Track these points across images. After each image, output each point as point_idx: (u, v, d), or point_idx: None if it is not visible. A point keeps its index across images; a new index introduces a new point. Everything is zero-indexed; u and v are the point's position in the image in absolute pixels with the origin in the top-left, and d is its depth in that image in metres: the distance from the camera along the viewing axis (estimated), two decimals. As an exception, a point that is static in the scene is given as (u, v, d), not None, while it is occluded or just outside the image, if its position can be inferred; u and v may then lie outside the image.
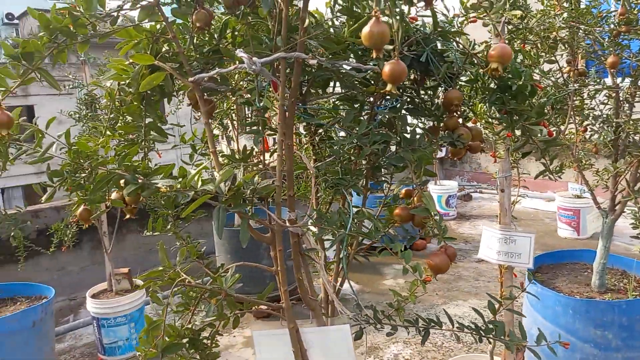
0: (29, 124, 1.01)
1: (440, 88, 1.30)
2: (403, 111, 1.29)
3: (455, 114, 1.19)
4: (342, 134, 1.44)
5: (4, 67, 0.85)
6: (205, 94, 1.27)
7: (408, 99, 1.31)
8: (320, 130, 1.50)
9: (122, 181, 1.12)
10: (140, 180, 1.10)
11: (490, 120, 1.59)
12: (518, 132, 1.19)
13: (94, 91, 3.54)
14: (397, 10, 0.85)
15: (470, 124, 1.33)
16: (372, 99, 1.29)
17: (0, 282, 3.29)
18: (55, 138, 1.02)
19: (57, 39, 0.89)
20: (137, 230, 4.89)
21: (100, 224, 3.40)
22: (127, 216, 1.32)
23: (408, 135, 1.22)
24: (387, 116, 1.28)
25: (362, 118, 1.28)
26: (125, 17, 1.06)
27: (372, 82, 1.26)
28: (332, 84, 1.37)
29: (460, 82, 1.24)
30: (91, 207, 1.43)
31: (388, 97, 1.32)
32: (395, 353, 3.15)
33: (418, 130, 1.28)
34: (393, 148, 1.29)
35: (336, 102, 1.44)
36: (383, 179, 1.45)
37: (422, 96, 1.34)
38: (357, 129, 1.20)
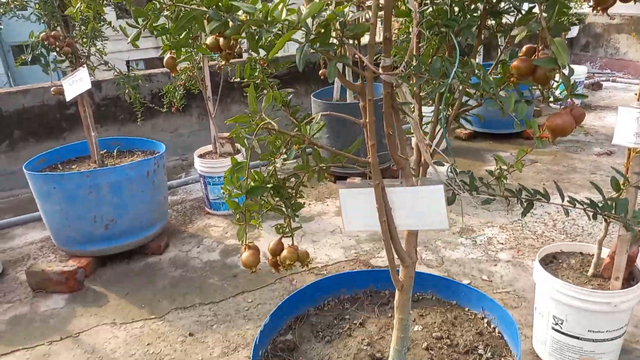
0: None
1: None
2: None
3: None
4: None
5: None
6: None
7: None
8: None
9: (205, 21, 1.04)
10: (223, 16, 1.01)
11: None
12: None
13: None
14: None
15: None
16: None
17: (121, 137, 3.63)
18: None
19: None
20: (240, 100, 5.03)
21: (205, 89, 3.50)
22: (224, 63, 1.27)
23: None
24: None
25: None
26: None
27: None
28: None
29: None
30: (177, 54, 1.40)
31: None
32: (489, 236, 3.05)
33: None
34: None
35: None
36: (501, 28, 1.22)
37: None
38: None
